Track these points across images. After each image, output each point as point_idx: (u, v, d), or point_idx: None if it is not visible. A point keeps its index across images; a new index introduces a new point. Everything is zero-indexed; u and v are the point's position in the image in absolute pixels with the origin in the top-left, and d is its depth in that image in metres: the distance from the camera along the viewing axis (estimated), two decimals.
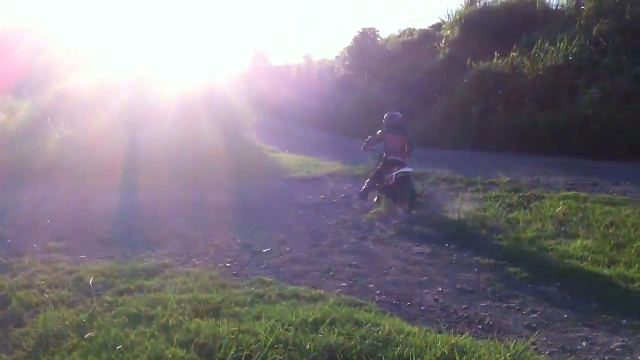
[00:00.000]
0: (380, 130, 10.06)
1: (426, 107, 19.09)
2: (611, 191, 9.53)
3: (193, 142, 15.72)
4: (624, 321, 4.92)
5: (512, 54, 16.75)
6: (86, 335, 4.26)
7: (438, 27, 25.99)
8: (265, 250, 7.57)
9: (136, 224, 9.25)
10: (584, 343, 4.54)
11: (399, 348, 3.98)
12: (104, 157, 14.48)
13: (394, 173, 9.49)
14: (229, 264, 6.98)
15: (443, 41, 22.50)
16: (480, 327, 4.98)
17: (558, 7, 19.11)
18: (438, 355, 3.78)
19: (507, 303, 5.50)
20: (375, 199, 10.06)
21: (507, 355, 3.65)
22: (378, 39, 27.69)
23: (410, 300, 5.70)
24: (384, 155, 9.92)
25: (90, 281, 5.85)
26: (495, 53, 17.18)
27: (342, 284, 6.22)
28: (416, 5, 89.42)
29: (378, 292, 5.94)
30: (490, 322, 5.06)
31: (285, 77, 32.22)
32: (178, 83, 20.17)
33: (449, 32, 22.48)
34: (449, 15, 23.53)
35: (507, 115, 15.03)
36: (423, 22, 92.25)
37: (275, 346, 3.99)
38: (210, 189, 12.38)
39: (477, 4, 21.86)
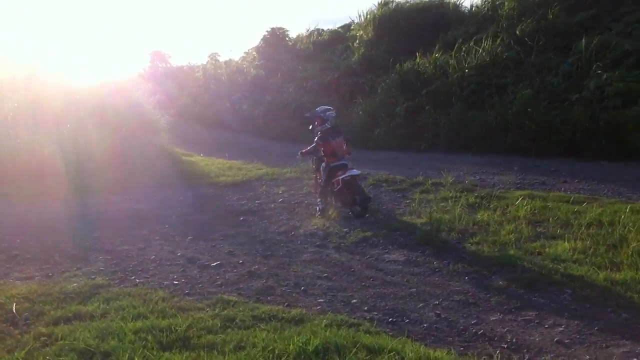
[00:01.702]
0: (316, 137, 9.15)
1: (345, 108, 18.44)
2: (564, 189, 9.18)
3: (97, 147, 14.22)
4: None
5: (435, 54, 16.45)
6: None
7: (347, 27, 25.62)
8: (214, 264, 6.55)
9: (50, 237, 7.88)
10: None
11: None
12: None
13: (340, 177, 8.71)
14: (176, 282, 5.91)
15: (357, 41, 22.06)
16: (504, 345, 4.25)
17: (473, 9, 19.10)
18: None
19: (522, 316, 4.78)
20: (320, 206, 9.08)
21: None
22: (287, 39, 26.97)
23: (407, 316, 4.90)
24: (326, 162, 9.06)
25: (14, 308, 4.67)
26: (417, 53, 16.84)
27: (320, 300, 5.33)
28: (319, 4, 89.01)
29: (365, 308, 5.11)
30: (514, 339, 4.33)
31: (191, 77, 30.66)
32: (74, 84, 18.40)
33: (362, 32, 22.08)
34: (360, 16, 23.18)
35: (435, 114, 14.61)
36: (327, 22, 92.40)
37: None
38: (126, 199, 11.01)
39: (391, 4, 21.57)
